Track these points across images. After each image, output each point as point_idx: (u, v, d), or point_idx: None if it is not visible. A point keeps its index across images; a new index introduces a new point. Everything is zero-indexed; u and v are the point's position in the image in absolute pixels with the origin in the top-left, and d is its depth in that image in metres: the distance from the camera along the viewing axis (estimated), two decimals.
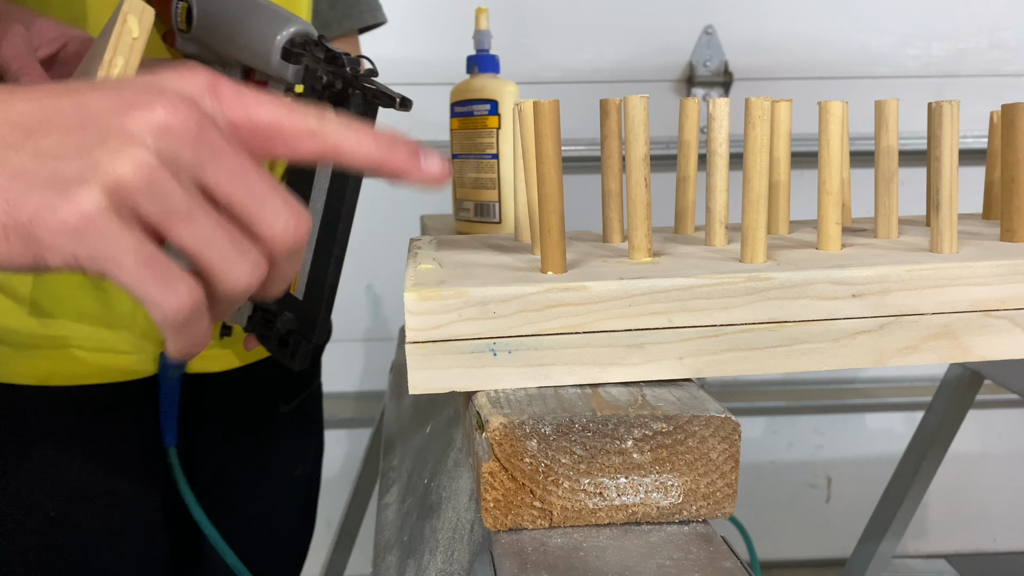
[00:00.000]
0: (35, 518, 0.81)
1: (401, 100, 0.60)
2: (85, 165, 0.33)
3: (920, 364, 0.46)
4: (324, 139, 0.39)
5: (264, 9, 0.63)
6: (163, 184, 0.33)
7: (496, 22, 0.88)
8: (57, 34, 0.64)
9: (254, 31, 0.63)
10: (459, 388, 0.44)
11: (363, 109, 0.61)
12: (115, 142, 0.33)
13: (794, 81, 1.78)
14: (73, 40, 0.64)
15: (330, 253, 0.66)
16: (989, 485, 2.00)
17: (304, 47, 0.62)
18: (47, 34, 0.63)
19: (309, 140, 0.39)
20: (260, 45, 0.62)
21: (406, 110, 0.60)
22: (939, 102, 0.49)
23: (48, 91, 0.35)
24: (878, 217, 0.57)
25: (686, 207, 0.62)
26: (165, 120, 0.34)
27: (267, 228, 0.36)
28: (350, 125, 0.40)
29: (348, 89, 0.61)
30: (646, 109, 0.48)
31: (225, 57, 0.66)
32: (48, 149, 0.33)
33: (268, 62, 0.62)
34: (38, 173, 0.33)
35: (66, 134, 0.34)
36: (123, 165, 0.33)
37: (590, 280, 0.44)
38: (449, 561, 0.49)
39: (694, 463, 0.40)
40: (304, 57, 0.62)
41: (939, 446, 1.15)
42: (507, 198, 0.78)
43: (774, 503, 1.99)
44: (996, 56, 1.81)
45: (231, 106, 0.37)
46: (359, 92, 0.61)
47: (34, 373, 0.80)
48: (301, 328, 0.70)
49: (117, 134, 0.34)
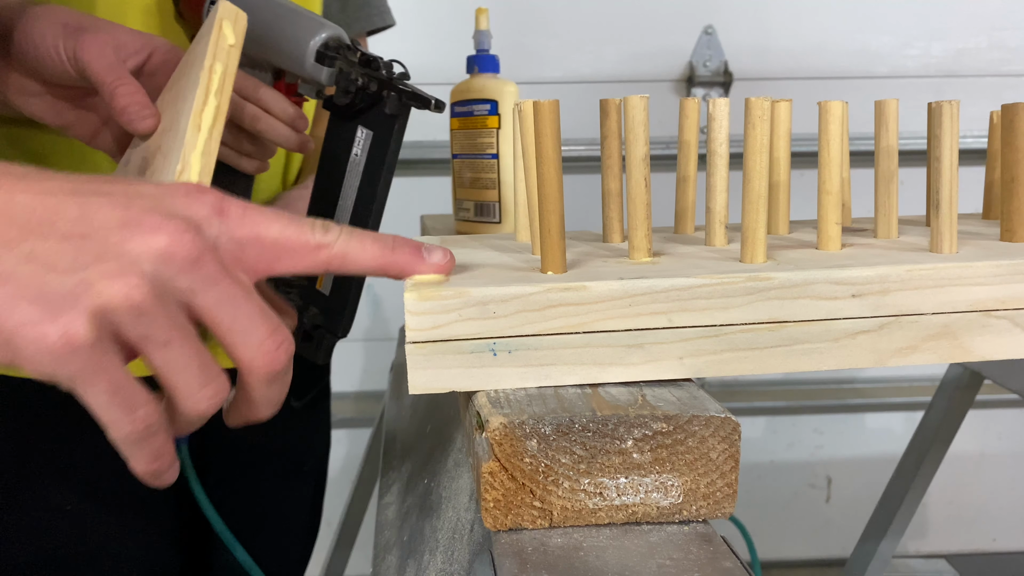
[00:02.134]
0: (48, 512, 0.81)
1: (436, 102, 0.62)
2: (78, 283, 0.32)
3: (920, 364, 0.46)
4: (330, 250, 0.40)
5: (296, 14, 0.66)
6: (150, 312, 0.33)
7: (496, 22, 0.88)
8: (141, 44, 0.62)
9: (288, 35, 0.65)
10: (459, 388, 0.44)
11: (398, 110, 0.63)
12: (113, 264, 0.33)
13: (794, 81, 1.78)
14: (158, 50, 0.62)
15: None
16: (989, 485, 2.00)
17: (337, 51, 0.65)
18: (132, 45, 0.61)
19: (315, 253, 0.40)
20: (294, 48, 0.64)
21: (439, 111, 0.63)
22: (939, 102, 0.49)
23: (55, 186, 0.34)
24: (878, 217, 0.57)
25: (686, 207, 0.62)
26: (167, 248, 0.34)
27: (246, 355, 0.37)
28: (354, 233, 0.41)
29: (383, 91, 0.63)
30: (646, 109, 0.48)
31: (256, 59, 0.68)
32: (43, 255, 0.32)
33: (302, 65, 0.64)
34: (29, 282, 0.32)
35: (64, 241, 0.33)
36: (116, 290, 0.33)
37: (590, 280, 0.44)
38: (449, 561, 0.49)
39: (694, 463, 0.40)
40: (338, 60, 0.64)
41: (939, 446, 1.15)
42: (507, 198, 0.78)
43: (774, 503, 1.99)
44: (996, 56, 1.81)
45: (237, 225, 0.37)
46: (394, 94, 0.63)
47: None
48: (327, 322, 0.71)
49: (116, 255, 0.33)
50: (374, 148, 0.66)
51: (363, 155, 0.67)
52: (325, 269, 0.40)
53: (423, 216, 1.04)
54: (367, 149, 0.67)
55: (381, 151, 0.65)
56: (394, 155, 0.66)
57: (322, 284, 0.72)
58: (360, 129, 0.67)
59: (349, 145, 0.68)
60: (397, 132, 0.65)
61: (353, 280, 0.69)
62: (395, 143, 0.65)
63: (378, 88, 0.64)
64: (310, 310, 0.72)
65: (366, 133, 0.67)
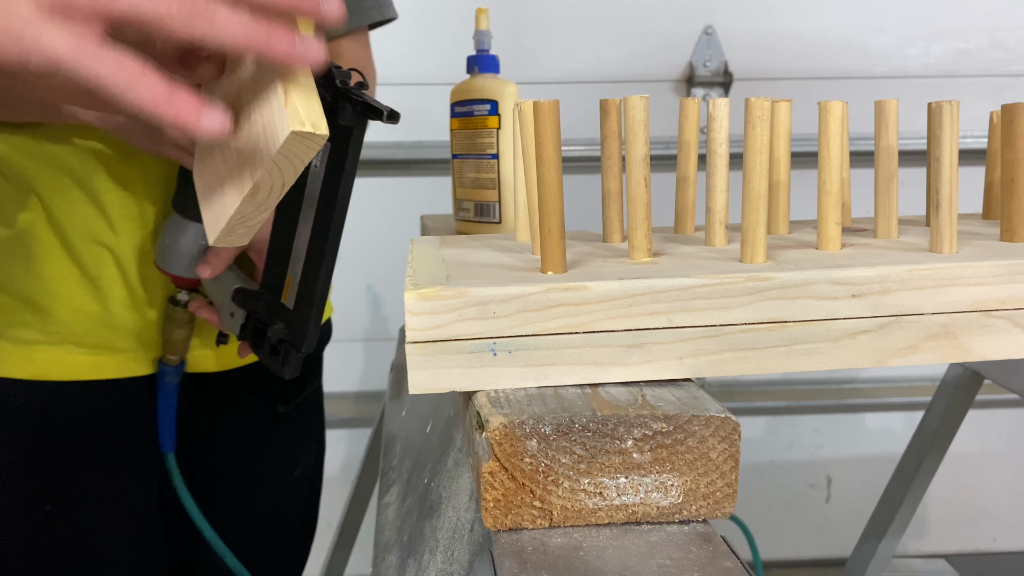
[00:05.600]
0: (32, 513, 0.81)
1: (388, 113, 0.60)
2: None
3: (920, 364, 0.46)
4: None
5: None
6: None
7: (496, 22, 0.88)
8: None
9: None
10: (459, 388, 0.44)
11: (352, 121, 0.62)
12: None
13: (794, 81, 1.78)
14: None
15: (320, 264, 0.67)
16: (989, 485, 2.00)
17: None
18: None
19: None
20: None
21: (394, 123, 0.61)
22: (939, 102, 0.49)
23: None
24: (878, 217, 0.57)
25: (686, 207, 0.62)
26: None
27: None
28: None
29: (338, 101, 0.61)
30: (646, 109, 0.48)
31: None
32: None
33: None
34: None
35: None
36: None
37: (590, 280, 0.44)
38: (449, 561, 0.49)
39: (694, 463, 0.40)
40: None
41: (939, 446, 1.15)
42: (507, 198, 0.78)
43: (774, 503, 1.99)
44: (996, 56, 1.81)
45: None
46: (348, 105, 0.61)
47: (30, 367, 0.81)
48: (291, 337, 0.70)
49: None
50: (332, 160, 0.64)
51: (322, 167, 0.65)
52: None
53: (423, 216, 1.04)
54: (325, 161, 0.65)
55: (339, 163, 0.63)
56: (352, 167, 0.63)
57: (287, 297, 0.71)
58: None
59: None
60: (354, 144, 0.62)
61: (315, 294, 0.68)
62: (352, 155, 0.63)
63: (333, 98, 0.62)
64: (276, 324, 0.71)
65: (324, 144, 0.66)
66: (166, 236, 0.80)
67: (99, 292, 0.81)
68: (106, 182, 0.78)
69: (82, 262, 0.80)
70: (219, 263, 0.78)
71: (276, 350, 0.71)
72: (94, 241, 0.80)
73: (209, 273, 0.78)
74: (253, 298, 0.74)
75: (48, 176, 0.78)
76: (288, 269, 0.70)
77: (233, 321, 0.78)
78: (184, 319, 0.83)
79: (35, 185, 0.78)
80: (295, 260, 0.69)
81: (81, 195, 0.78)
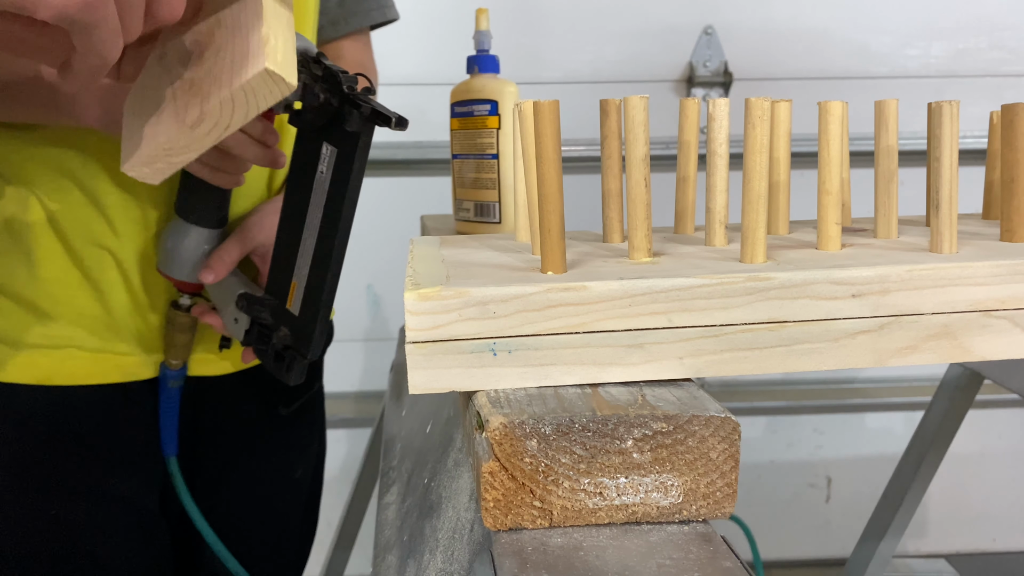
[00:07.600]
0: (37, 517, 0.81)
1: (397, 120, 0.60)
2: None
3: (920, 364, 0.46)
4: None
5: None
6: None
7: (496, 22, 0.88)
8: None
9: None
10: (459, 388, 0.44)
11: (359, 127, 0.61)
12: None
13: (794, 81, 1.78)
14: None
15: (326, 270, 0.66)
16: (989, 485, 2.00)
17: (303, 64, 0.62)
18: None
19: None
20: None
21: (402, 129, 0.60)
22: (939, 102, 0.49)
23: None
24: (878, 217, 0.57)
25: (686, 207, 0.62)
26: None
27: None
28: None
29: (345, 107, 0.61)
30: (646, 109, 0.48)
31: None
32: None
33: None
34: None
35: None
36: None
37: (590, 280, 0.44)
38: (449, 561, 0.49)
39: (694, 463, 0.40)
40: (302, 74, 0.62)
41: (939, 446, 1.15)
42: (507, 198, 0.78)
43: (774, 503, 1.99)
44: (996, 56, 1.81)
45: None
46: (356, 111, 0.61)
47: (33, 372, 0.80)
48: (296, 344, 0.70)
49: None
50: (339, 166, 0.64)
51: (328, 172, 0.65)
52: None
53: (423, 216, 1.04)
54: (332, 166, 0.64)
55: (346, 169, 0.63)
56: (359, 173, 0.63)
57: (292, 303, 0.70)
58: (325, 146, 0.65)
59: (315, 162, 0.66)
60: (361, 150, 0.62)
61: (321, 300, 0.67)
62: (359, 161, 0.63)
63: (339, 104, 0.62)
64: (280, 331, 0.71)
65: (331, 150, 0.65)
66: (168, 240, 0.79)
67: (101, 296, 0.81)
68: (107, 185, 0.78)
69: (84, 265, 0.80)
70: (222, 268, 0.78)
71: (281, 356, 0.71)
72: (95, 244, 0.80)
73: (212, 278, 0.78)
74: (258, 304, 0.74)
75: (49, 178, 0.78)
76: (293, 275, 0.70)
77: (237, 326, 0.78)
78: (186, 323, 0.83)
79: (36, 187, 0.78)
80: (300, 266, 0.69)
81: (82, 198, 0.78)
